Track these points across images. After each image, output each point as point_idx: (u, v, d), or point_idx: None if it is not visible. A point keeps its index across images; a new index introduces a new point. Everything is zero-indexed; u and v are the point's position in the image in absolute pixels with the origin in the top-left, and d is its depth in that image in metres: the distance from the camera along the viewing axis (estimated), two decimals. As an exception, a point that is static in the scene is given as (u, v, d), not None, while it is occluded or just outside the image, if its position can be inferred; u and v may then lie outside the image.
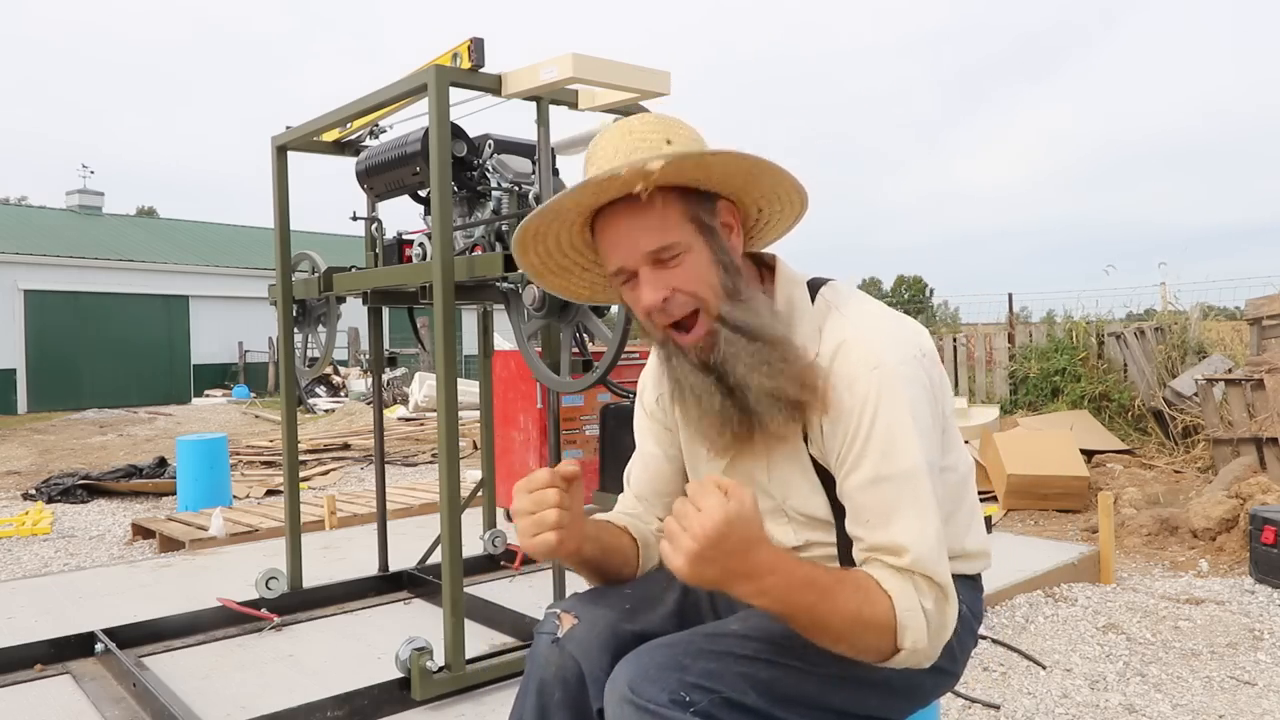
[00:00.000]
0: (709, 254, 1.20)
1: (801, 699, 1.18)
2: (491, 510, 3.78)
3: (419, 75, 2.43)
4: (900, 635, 1.13)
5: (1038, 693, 2.69)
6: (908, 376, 1.19)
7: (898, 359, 1.20)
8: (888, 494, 1.16)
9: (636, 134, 1.22)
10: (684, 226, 1.19)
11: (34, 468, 8.74)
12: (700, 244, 1.19)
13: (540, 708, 1.23)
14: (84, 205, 23.75)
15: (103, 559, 4.94)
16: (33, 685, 2.64)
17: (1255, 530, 3.85)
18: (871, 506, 1.18)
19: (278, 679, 2.64)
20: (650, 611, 1.30)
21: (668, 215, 1.17)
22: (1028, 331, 8.59)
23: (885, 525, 1.16)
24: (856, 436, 1.18)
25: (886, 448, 1.16)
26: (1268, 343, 5.90)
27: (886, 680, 1.21)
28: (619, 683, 1.13)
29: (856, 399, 1.18)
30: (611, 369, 2.24)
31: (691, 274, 1.19)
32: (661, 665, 1.12)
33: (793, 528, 1.30)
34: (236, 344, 20.65)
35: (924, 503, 1.16)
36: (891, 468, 1.16)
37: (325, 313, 3.42)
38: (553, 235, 1.27)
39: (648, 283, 1.19)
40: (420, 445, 9.17)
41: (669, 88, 2.47)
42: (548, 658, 1.24)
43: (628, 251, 1.19)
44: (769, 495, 1.29)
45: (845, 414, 1.19)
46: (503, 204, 2.72)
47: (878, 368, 1.18)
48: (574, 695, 1.21)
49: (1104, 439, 6.69)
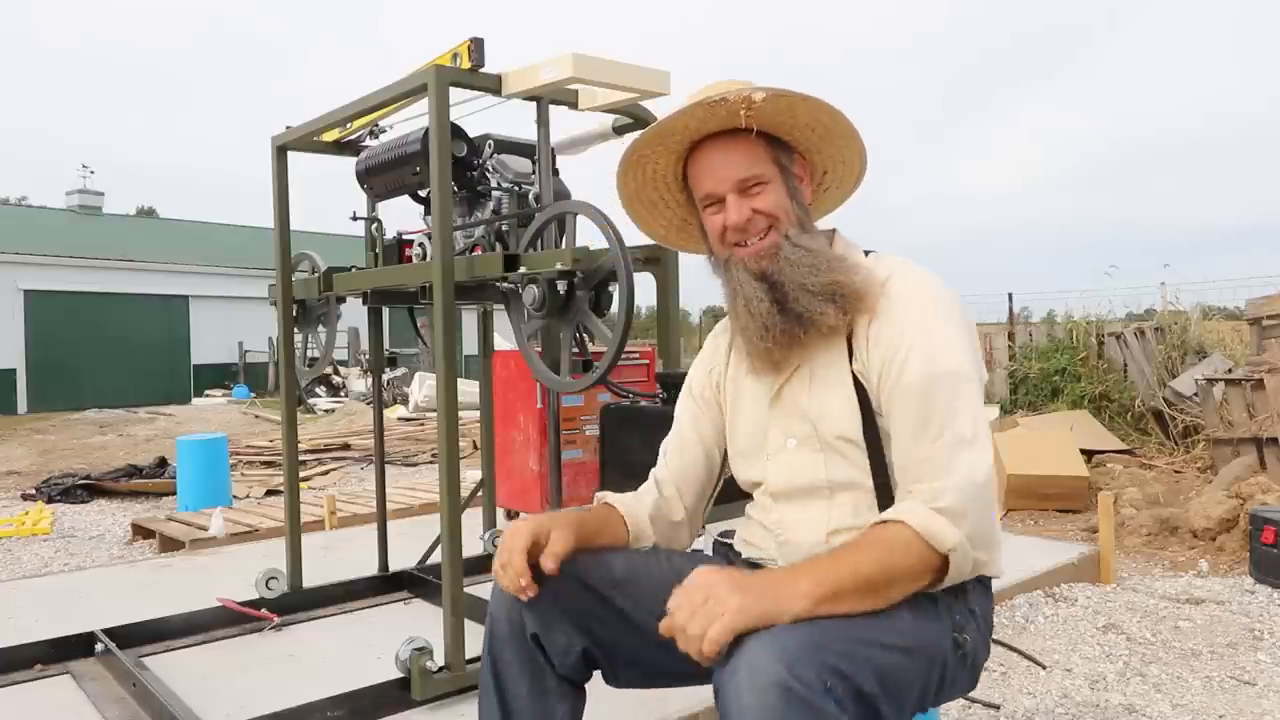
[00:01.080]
0: (785, 190, 1.38)
1: (899, 687, 1.16)
2: (491, 510, 3.78)
3: (419, 75, 2.43)
4: (933, 542, 1.18)
5: (1038, 693, 2.69)
6: (952, 303, 1.33)
7: (945, 294, 1.34)
8: (940, 393, 1.25)
9: (725, 83, 1.37)
10: (768, 164, 1.37)
11: (34, 468, 8.74)
12: (779, 181, 1.38)
13: (492, 640, 1.38)
14: (84, 205, 23.73)
15: (103, 559, 4.94)
16: (33, 685, 2.63)
17: (1255, 530, 3.85)
18: (923, 409, 1.25)
19: (278, 679, 2.64)
20: (590, 569, 1.37)
21: (756, 151, 1.37)
22: (1028, 331, 8.59)
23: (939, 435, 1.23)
24: (903, 338, 1.28)
25: (929, 349, 1.27)
26: (1268, 343, 5.89)
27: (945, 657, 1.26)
28: (766, 664, 1.02)
29: (909, 305, 1.31)
30: (611, 369, 2.24)
31: (771, 201, 1.37)
32: (803, 644, 1.05)
33: (823, 456, 1.36)
34: (236, 344, 20.63)
35: (972, 403, 1.25)
36: (934, 366, 1.26)
37: (325, 313, 3.42)
38: (652, 162, 1.45)
39: (734, 205, 1.37)
40: (420, 445, 9.17)
41: (669, 88, 2.47)
42: (494, 595, 1.38)
43: (720, 178, 1.38)
44: (806, 420, 1.37)
45: (894, 320, 1.30)
46: (503, 204, 2.72)
47: (926, 285, 1.33)
48: (515, 625, 1.34)
49: (1104, 439, 6.68)
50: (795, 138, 1.41)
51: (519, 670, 1.34)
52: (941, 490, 1.19)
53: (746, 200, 1.36)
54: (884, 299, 1.32)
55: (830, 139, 1.41)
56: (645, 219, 1.55)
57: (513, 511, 4.83)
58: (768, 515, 1.43)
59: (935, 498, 1.19)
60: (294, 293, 3.23)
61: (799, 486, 1.38)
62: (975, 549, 1.20)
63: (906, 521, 1.18)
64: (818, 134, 1.40)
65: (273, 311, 3.27)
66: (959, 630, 1.29)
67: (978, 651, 1.34)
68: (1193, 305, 8.19)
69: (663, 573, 1.40)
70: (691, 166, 1.43)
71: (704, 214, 1.43)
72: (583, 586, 1.35)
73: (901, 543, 1.17)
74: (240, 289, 20.69)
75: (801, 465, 1.37)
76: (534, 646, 1.34)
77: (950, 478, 1.20)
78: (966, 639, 1.30)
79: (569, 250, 2.24)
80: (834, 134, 1.40)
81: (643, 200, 1.52)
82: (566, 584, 1.33)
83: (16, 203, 34.08)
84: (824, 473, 1.35)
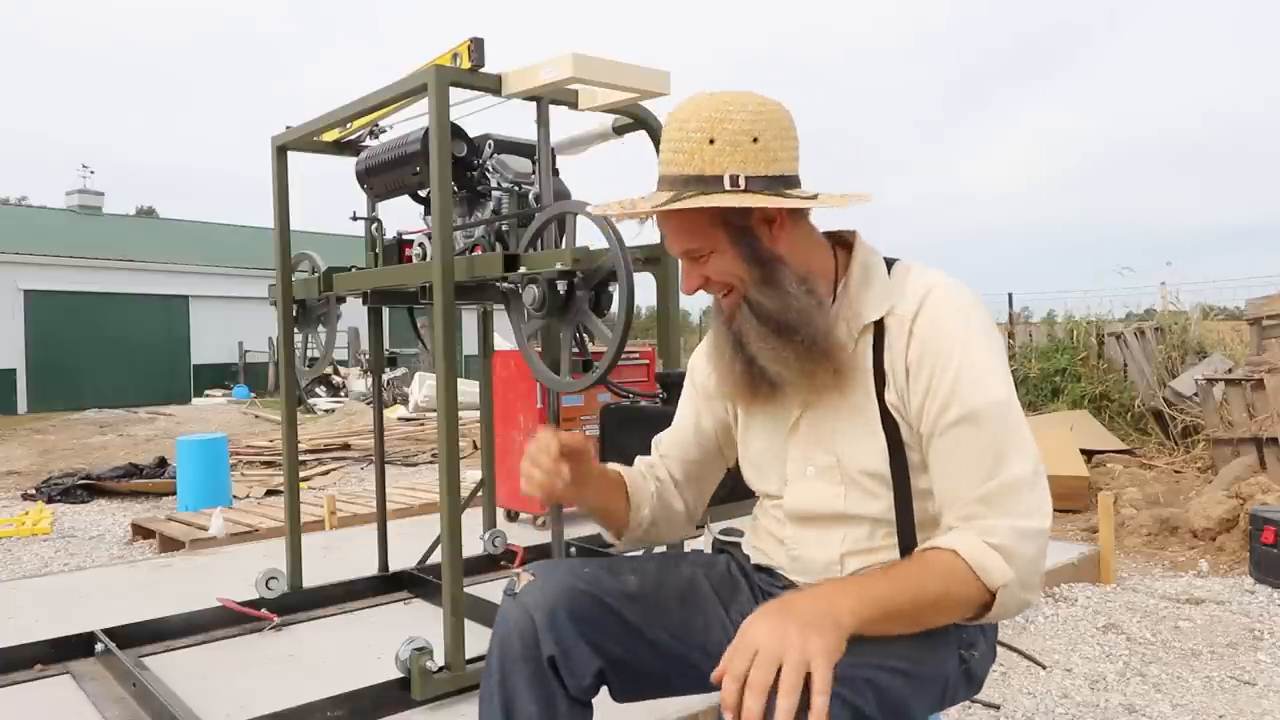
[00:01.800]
0: (736, 252, 1.27)
1: (899, 707, 1.15)
2: (491, 510, 3.78)
3: (419, 75, 2.43)
4: (984, 577, 1.14)
5: (1038, 693, 2.69)
6: (987, 325, 1.27)
7: (980, 309, 1.28)
8: (992, 429, 1.19)
9: (688, 128, 1.23)
10: (713, 231, 1.26)
11: (34, 468, 8.74)
12: (727, 244, 1.26)
13: (502, 660, 1.31)
14: (84, 205, 23.73)
15: (103, 559, 4.94)
16: (33, 685, 2.63)
17: (1255, 530, 3.85)
18: (973, 447, 1.19)
19: (278, 679, 2.64)
20: (605, 585, 1.35)
21: (698, 221, 1.26)
22: (1028, 331, 8.59)
23: (994, 473, 1.17)
24: (945, 372, 1.21)
25: (975, 380, 1.20)
26: (1268, 343, 5.89)
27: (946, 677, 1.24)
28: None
29: (946, 336, 1.23)
30: (611, 369, 2.24)
31: (722, 269, 1.28)
32: None
33: (844, 488, 1.30)
34: (236, 344, 20.63)
35: (1024, 435, 1.20)
36: (983, 399, 1.19)
37: (325, 313, 3.42)
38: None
39: (685, 273, 1.33)
40: (420, 445, 9.17)
41: (669, 88, 2.47)
42: (507, 614, 1.32)
43: (670, 246, 1.33)
44: (830, 452, 1.32)
45: (932, 351, 1.23)
46: (503, 204, 2.72)
47: (964, 310, 1.25)
48: (529, 647, 1.29)
49: (1104, 439, 6.68)
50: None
51: (529, 692, 1.29)
52: (994, 528, 1.15)
53: (695, 265, 1.29)
54: (922, 322, 1.24)
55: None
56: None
57: (513, 512, 4.83)
58: (781, 529, 1.39)
59: (989, 533, 1.15)
60: (294, 293, 3.23)
61: (817, 513, 1.34)
62: (1024, 590, 1.16)
63: (959, 551, 1.15)
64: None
65: (273, 311, 3.27)
66: (967, 648, 1.28)
67: (984, 664, 1.33)
68: (1193, 305, 8.21)
69: (678, 584, 1.39)
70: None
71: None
72: (597, 602, 1.32)
73: (959, 572, 1.13)
74: (240, 289, 20.69)
75: (822, 495, 1.32)
76: (549, 669, 1.29)
77: (1006, 519, 1.15)
78: (974, 655, 1.29)
79: (569, 250, 2.24)
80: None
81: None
82: (581, 601, 1.30)
83: (16, 203, 34.09)
84: (843, 505, 1.30)
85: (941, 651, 1.24)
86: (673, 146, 1.25)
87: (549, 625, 1.28)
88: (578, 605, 1.30)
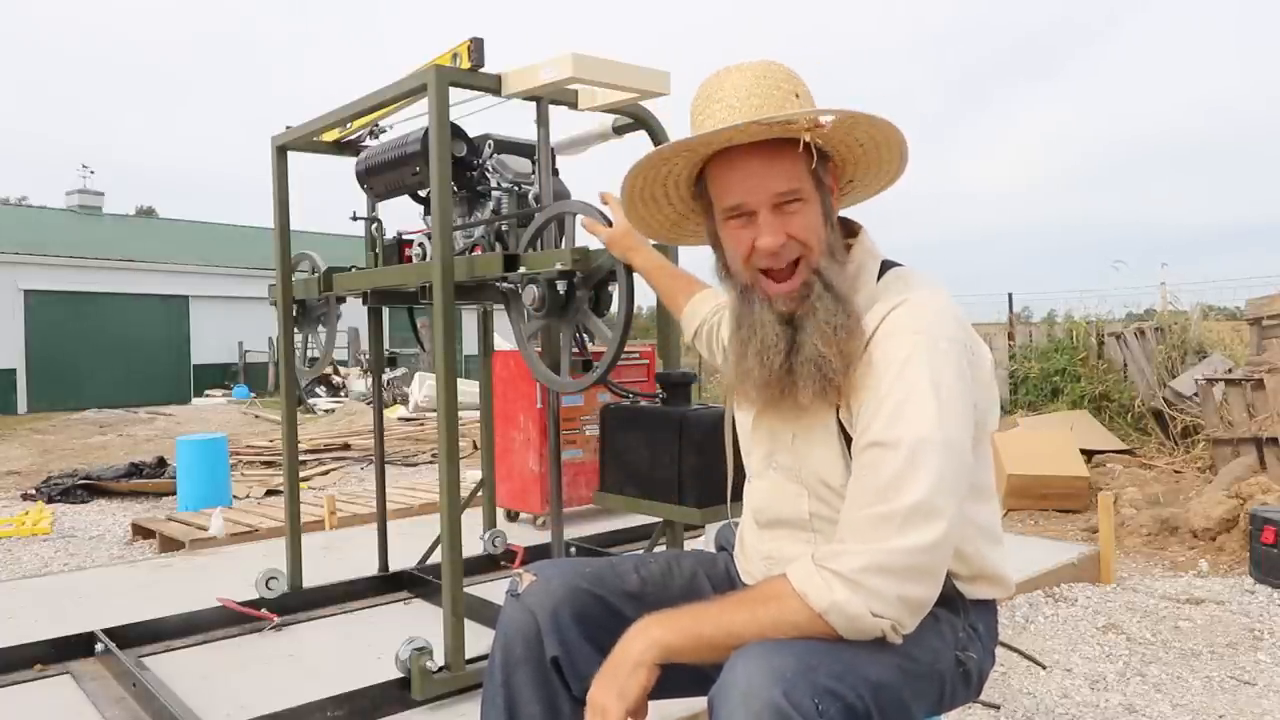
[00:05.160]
0: (820, 209, 1.25)
1: (895, 706, 1.15)
2: (491, 510, 3.78)
3: (419, 75, 2.43)
4: (806, 600, 1.11)
5: (1038, 693, 2.69)
6: (945, 352, 1.18)
7: (943, 334, 1.19)
8: (894, 461, 1.13)
9: (769, 80, 1.24)
10: (807, 178, 1.23)
11: (34, 468, 8.74)
12: (816, 198, 1.24)
13: (505, 661, 1.31)
14: (84, 205, 23.74)
15: (103, 559, 4.94)
16: (33, 685, 2.63)
17: (1255, 530, 3.85)
18: (871, 473, 1.15)
19: (278, 679, 2.64)
20: (608, 584, 1.35)
21: (798, 164, 1.21)
22: (1028, 331, 8.59)
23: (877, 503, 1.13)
24: (876, 394, 1.17)
25: (899, 408, 1.14)
26: (1268, 343, 5.89)
27: (940, 674, 1.24)
28: (761, 686, 1.03)
29: (888, 358, 1.18)
30: (611, 369, 2.24)
31: (806, 223, 1.23)
32: (797, 665, 1.05)
33: (806, 496, 1.30)
34: (236, 344, 20.63)
35: (937, 473, 1.14)
36: (900, 431, 1.13)
37: (325, 313, 3.42)
38: (671, 163, 1.32)
39: (767, 225, 1.22)
40: (420, 445, 9.17)
41: (669, 88, 2.47)
42: (510, 615, 1.32)
43: (753, 190, 1.22)
44: (791, 456, 1.31)
45: (874, 370, 1.19)
46: (502, 204, 2.72)
47: (919, 333, 1.18)
48: (533, 648, 1.29)
49: (1104, 439, 6.69)
50: (836, 148, 1.28)
51: (532, 693, 1.29)
52: (840, 553, 1.12)
53: (781, 218, 1.22)
54: (877, 338, 1.20)
55: (875, 151, 1.28)
56: (644, 217, 1.44)
57: (513, 512, 4.83)
58: (760, 545, 1.39)
59: (836, 558, 1.12)
60: (294, 293, 3.23)
61: (782, 517, 1.33)
62: (878, 616, 1.10)
63: (787, 574, 1.15)
64: (865, 148, 1.28)
65: (273, 311, 3.27)
66: (962, 649, 1.27)
67: (983, 666, 1.33)
68: (1193, 305, 8.21)
69: (681, 582, 1.40)
70: (716, 171, 1.27)
71: (725, 225, 1.28)
72: (600, 602, 1.32)
73: (785, 597, 1.12)
74: (240, 289, 20.68)
75: (783, 494, 1.32)
76: (552, 670, 1.29)
77: (864, 545, 1.11)
78: (972, 656, 1.29)
79: (569, 250, 2.24)
80: (880, 149, 1.28)
81: (644, 197, 1.40)
82: (584, 601, 1.30)
83: (16, 203, 34.06)
84: (805, 508, 1.30)
85: (935, 647, 1.23)
86: (763, 89, 1.22)
87: (552, 626, 1.28)
88: (581, 605, 1.30)
